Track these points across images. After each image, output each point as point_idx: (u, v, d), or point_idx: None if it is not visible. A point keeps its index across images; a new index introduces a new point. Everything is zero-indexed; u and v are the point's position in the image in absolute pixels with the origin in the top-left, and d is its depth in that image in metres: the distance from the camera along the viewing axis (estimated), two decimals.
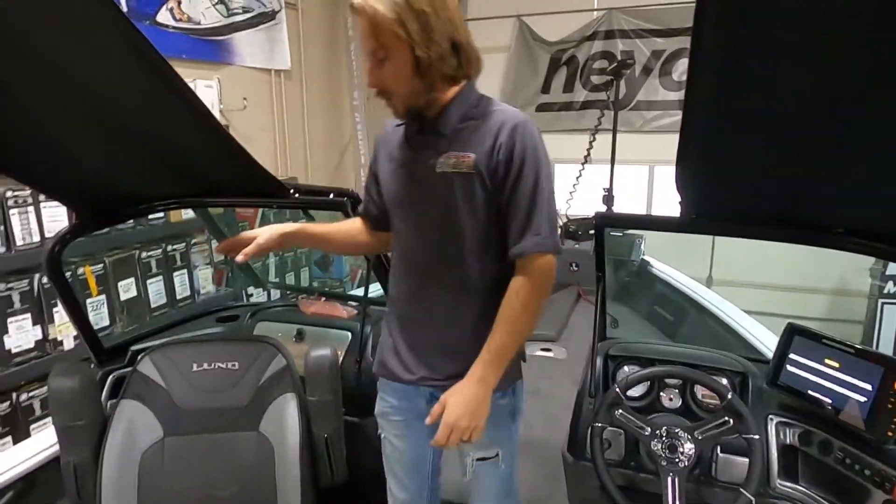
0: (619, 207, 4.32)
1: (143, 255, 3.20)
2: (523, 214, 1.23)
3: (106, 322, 2.99)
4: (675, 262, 3.58)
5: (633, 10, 5.30)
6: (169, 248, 3.35)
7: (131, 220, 3.00)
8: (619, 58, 5.29)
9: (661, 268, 3.48)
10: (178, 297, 3.44)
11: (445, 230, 1.29)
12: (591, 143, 4.28)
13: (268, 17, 4.85)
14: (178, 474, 1.45)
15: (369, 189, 1.48)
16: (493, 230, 1.28)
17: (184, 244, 3.43)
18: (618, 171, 4.21)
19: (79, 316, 1.65)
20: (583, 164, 4.48)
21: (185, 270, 3.46)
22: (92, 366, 1.71)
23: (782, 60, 0.87)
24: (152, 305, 3.27)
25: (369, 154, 5.76)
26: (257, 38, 4.76)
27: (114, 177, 1.51)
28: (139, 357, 1.56)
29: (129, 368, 1.67)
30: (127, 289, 3.11)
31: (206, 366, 1.53)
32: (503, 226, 1.27)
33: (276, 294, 3.74)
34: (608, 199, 4.17)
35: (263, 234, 1.35)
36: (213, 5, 4.37)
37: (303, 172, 5.15)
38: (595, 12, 5.44)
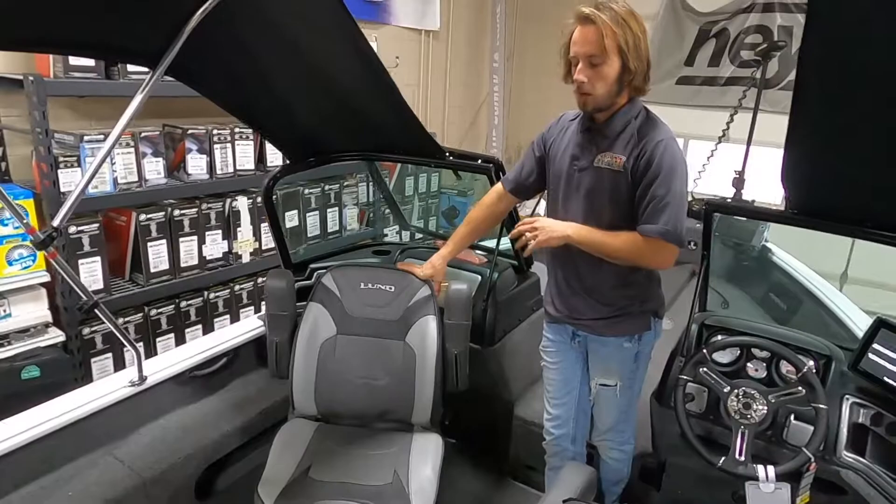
0: (751, 191, 4.24)
1: (306, 192, 3.75)
2: (656, 212, 1.55)
3: (273, 244, 3.60)
4: (805, 254, 3.52)
5: None
6: (326, 187, 3.90)
7: None
8: (776, 34, 5.02)
9: (782, 256, 3.48)
10: (329, 230, 4.01)
11: (593, 208, 1.66)
12: (728, 123, 4.23)
13: None
14: (345, 363, 1.91)
15: (525, 162, 1.85)
16: (629, 213, 1.62)
17: (338, 185, 3.96)
18: (754, 153, 4.12)
19: (279, 237, 2.15)
20: (717, 142, 4.44)
21: (336, 208, 4.01)
22: None
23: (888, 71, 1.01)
24: (308, 235, 3.86)
25: (503, 115, 6.05)
26: None
27: (316, 132, 1.95)
28: (322, 273, 2.02)
29: (309, 280, 2.16)
30: (291, 219, 3.68)
31: (370, 285, 1.96)
32: (635, 211, 1.60)
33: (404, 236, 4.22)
34: (739, 181, 4.13)
35: (435, 270, 1.98)
36: None
37: (440, 128, 5.53)
38: None
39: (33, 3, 1.15)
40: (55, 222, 1.35)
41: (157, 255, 3.00)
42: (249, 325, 2.19)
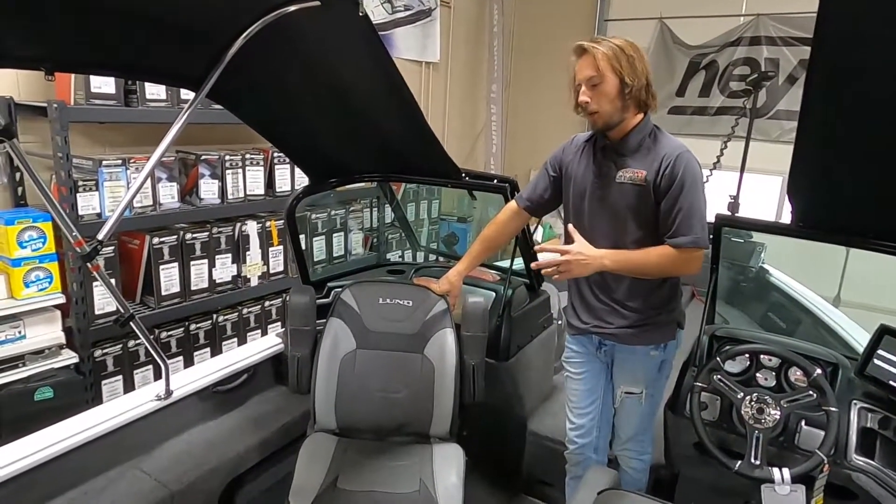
0: (745, 215, 4.37)
1: (313, 216, 3.82)
2: (684, 220, 1.65)
3: (281, 267, 3.66)
4: (800, 276, 3.62)
5: (783, 17, 5.19)
6: (332, 212, 3.97)
7: None
8: (763, 65, 5.23)
9: (780, 277, 3.57)
10: (335, 254, 4.07)
11: (618, 221, 1.75)
12: (722, 149, 4.37)
13: (424, 14, 5.37)
14: (365, 376, 1.95)
15: (539, 181, 1.94)
16: (651, 225, 1.72)
17: (344, 210, 4.04)
18: (747, 180, 4.26)
19: (300, 255, 2.21)
20: (711, 169, 4.58)
21: (342, 233, 4.08)
22: None
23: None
24: (315, 259, 3.92)
25: (501, 144, 6.19)
26: (414, 32, 5.30)
27: (339, 154, 2.03)
28: (341, 290, 2.07)
29: (327, 298, 2.22)
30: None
31: (388, 301, 2.02)
32: (660, 225, 1.69)
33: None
34: (733, 206, 4.25)
35: (451, 285, 2.04)
36: (381, 4, 4.95)
37: None
38: (741, 18, 5.40)
39: (91, 31, 1.23)
40: (100, 236, 1.41)
41: (169, 277, 3.04)
42: (268, 342, 2.23)
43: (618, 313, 1.82)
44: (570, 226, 1.78)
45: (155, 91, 2.86)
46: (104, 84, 2.70)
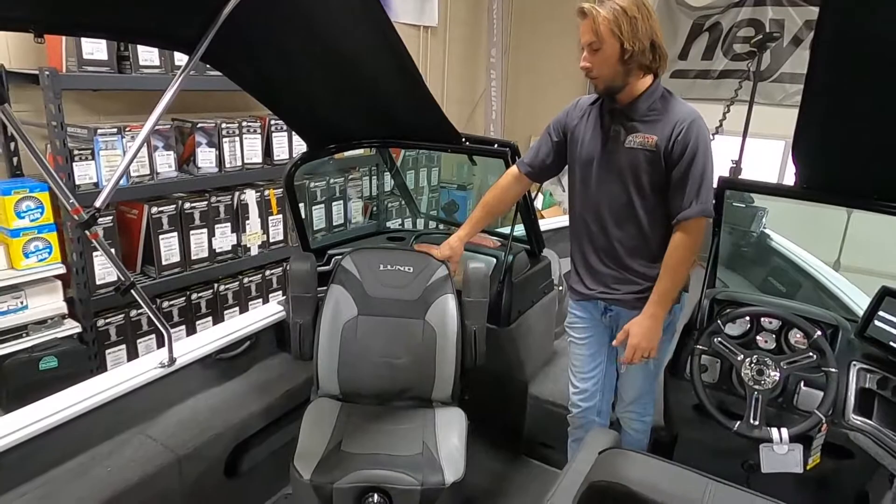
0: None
1: (311, 185, 3.79)
2: (694, 189, 1.64)
3: (281, 236, 3.65)
4: (801, 241, 3.62)
5: None
6: (331, 181, 3.94)
7: None
8: (768, 26, 5.12)
9: (780, 241, 3.57)
10: (334, 223, 4.05)
11: (625, 186, 1.73)
12: (724, 113, 4.31)
13: None
14: (367, 343, 1.96)
15: (542, 145, 1.91)
16: (659, 190, 1.71)
17: (343, 179, 4.01)
18: (750, 144, 4.22)
19: (300, 222, 2.20)
20: (714, 134, 4.52)
21: (341, 201, 4.05)
22: None
23: None
24: (314, 227, 3.90)
25: (501, 110, 6.10)
26: None
27: (337, 119, 2.00)
28: (341, 257, 2.07)
29: (327, 266, 2.21)
30: None
31: (389, 267, 2.02)
32: (670, 193, 1.69)
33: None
34: (735, 170, 4.22)
35: (453, 251, 2.02)
36: None
37: None
38: None
39: None
40: (97, 203, 1.40)
41: (169, 247, 3.04)
42: (270, 310, 2.24)
43: (625, 279, 1.81)
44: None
45: (148, 56, 2.80)
46: (96, 50, 2.64)
